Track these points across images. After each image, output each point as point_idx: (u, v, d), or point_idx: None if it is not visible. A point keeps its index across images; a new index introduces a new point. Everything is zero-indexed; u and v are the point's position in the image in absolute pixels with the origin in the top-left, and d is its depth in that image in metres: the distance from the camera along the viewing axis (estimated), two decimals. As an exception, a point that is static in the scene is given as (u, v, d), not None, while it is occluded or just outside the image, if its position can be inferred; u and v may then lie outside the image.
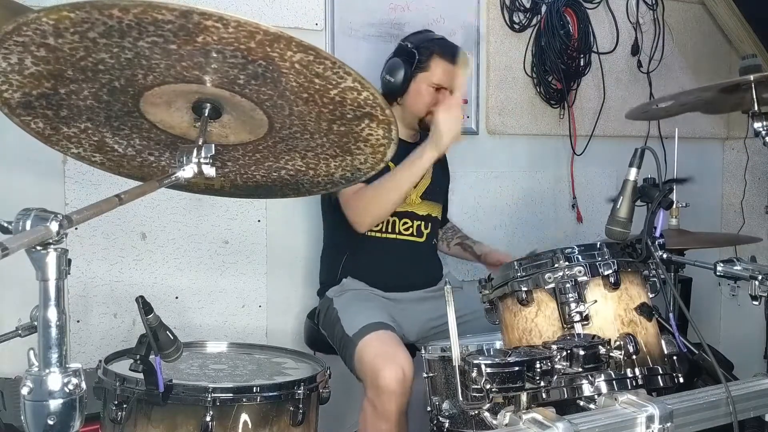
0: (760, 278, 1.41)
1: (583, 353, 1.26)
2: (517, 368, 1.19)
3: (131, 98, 1.11)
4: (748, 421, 1.39)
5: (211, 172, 1.10)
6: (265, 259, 2.65)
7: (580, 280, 1.43)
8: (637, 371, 1.37)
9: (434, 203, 2.46)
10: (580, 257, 1.46)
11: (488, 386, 1.17)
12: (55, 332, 0.88)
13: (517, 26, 3.06)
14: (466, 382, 1.21)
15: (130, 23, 0.90)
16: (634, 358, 1.37)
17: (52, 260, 0.87)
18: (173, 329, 1.39)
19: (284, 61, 0.97)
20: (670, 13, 3.43)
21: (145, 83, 1.06)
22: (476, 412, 1.51)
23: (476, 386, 1.18)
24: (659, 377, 1.41)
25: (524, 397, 1.23)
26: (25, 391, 0.87)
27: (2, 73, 1.01)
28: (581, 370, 1.26)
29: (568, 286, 1.43)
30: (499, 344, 1.65)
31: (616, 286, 1.43)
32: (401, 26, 2.79)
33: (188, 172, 1.08)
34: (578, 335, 1.37)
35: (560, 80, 3.08)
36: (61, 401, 0.87)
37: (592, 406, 1.30)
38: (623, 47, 3.32)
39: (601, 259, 1.46)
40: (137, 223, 2.45)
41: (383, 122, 1.13)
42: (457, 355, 1.29)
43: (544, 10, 3.05)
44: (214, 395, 1.54)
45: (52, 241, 0.87)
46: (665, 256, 1.55)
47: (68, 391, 0.87)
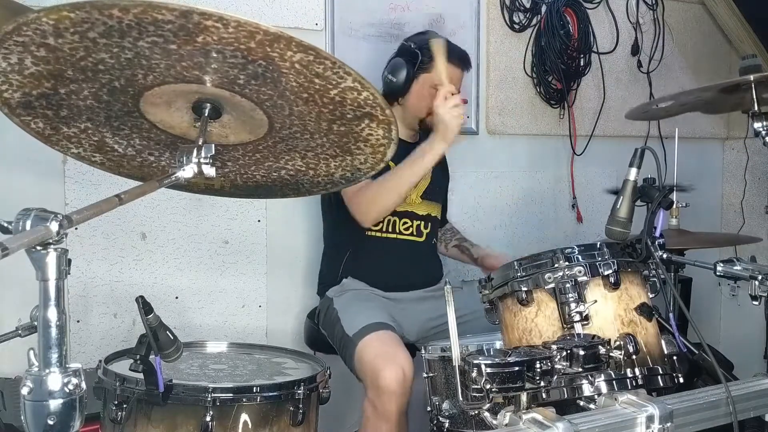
0: (760, 278, 1.41)
1: (583, 353, 1.26)
2: (517, 368, 1.19)
3: (131, 98, 1.11)
4: (748, 421, 1.39)
5: (211, 172, 1.10)
6: (265, 259, 2.65)
7: (580, 280, 1.43)
8: (637, 371, 1.37)
9: (434, 203, 2.46)
10: (580, 257, 1.46)
11: (488, 386, 1.17)
12: (55, 332, 0.88)
13: (517, 26, 3.06)
14: (466, 382, 1.21)
15: (130, 23, 0.90)
16: (634, 358, 1.37)
17: (52, 260, 0.87)
18: (173, 329, 1.39)
19: (284, 61, 0.97)
20: (670, 13, 3.43)
21: (145, 83, 1.06)
22: (476, 412, 1.51)
23: (476, 386, 1.18)
24: (659, 377, 1.41)
25: (524, 397, 1.23)
26: (25, 391, 0.87)
27: (2, 73, 1.01)
28: (581, 370, 1.26)
29: (568, 286, 1.43)
30: (499, 344, 1.65)
31: (616, 286, 1.43)
32: (401, 26, 2.78)
33: (188, 172, 1.08)
34: (578, 335, 1.37)
35: (560, 80, 3.08)
36: (61, 401, 0.87)
37: (592, 406, 1.30)
38: (623, 47, 3.32)
39: (601, 259, 1.46)
40: (137, 223, 2.45)
41: (383, 122, 1.13)
42: (457, 355, 1.29)
43: (544, 10, 3.05)
44: (214, 395, 1.54)
45: (52, 241, 0.87)
46: (665, 256, 1.55)
47: (68, 391, 0.87)
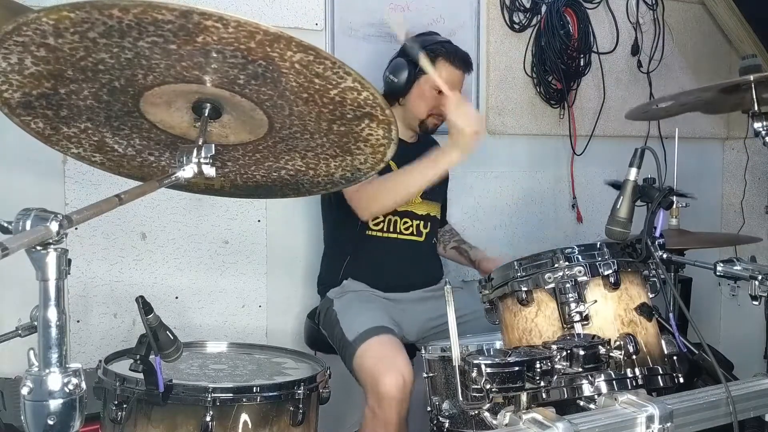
0: (760, 278, 1.41)
1: (583, 353, 1.26)
2: (517, 368, 1.19)
3: (131, 98, 1.11)
4: (748, 421, 1.39)
5: (211, 172, 1.10)
6: (265, 259, 2.65)
7: (580, 280, 1.43)
8: (637, 371, 1.37)
9: (434, 203, 2.46)
10: (580, 257, 1.46)
11: (488, 386, 1.17)
12: (55, 332, 0.88)
13: (517, 26, 3.06)
14: (466, 382, 1.21)
15: (130, 23, 0.90)
16: (634, 358, 1.37)
17: (52, 260, 0.87)
18: (173, 329, 1.39)
19: (284, 61, 0.97)
20: (670, 13, 3.43)
21: (145, 83, 1.06)
22: (476, 412, 1.51)
23: (476, 386, 1.18)
24: (659, 377, 1.40)
25: (524, 397, 1.23)
26: (25, 391, 0.87)
27: (2, 73, 1.01)
28: (581, 370, 1.26)
29: (568, 286, 1.42)
30: (499, 344, 1.65)
31: (616, 286, 1.43)
32: (399, 25, 2.78)
33: (188, 172, 1.08)
34: (578, 335, 1.37)
35: (560, 80, 3.08)
36: (61, 401, 0.87)
37: (592, 406, 1.30)
38: (623, 47, 3.32)
39: (601, 259, 1.46)
40: (137, 223, 2.45)
41: (383, 122, 1.13)
42: (457, 355, 1.29)
43: (544, 10, 3.05)
44: (214, 395, 1.54)
45: (52, 241, 0.87)
46: (665, 256, 1.55)
47: (68, 391, 0.87)
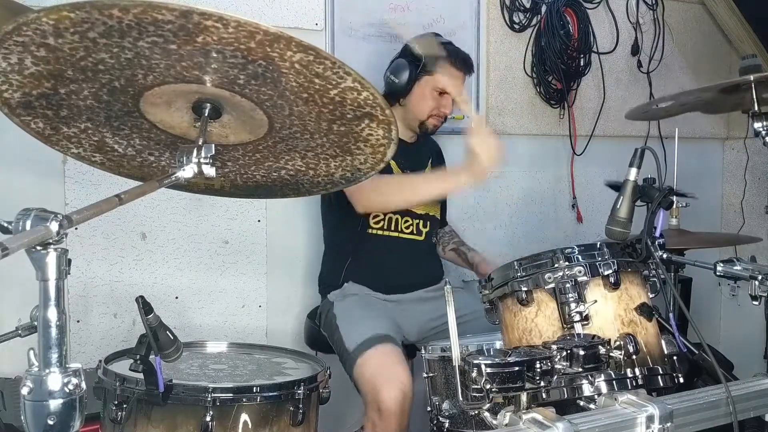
0: (760, 278, 1.41)
1: (583, 353, 1.26)
2: (517, 368, 1.19)
3: (131, 98, 1.11)
4: (748, 421, 1.39)
5: (211, 172, 1.10)
6: (265, 259, 2.65)
7: (580, 280, 1.43)
8: (637, 371, 1.37)
9: (433, 202, 2.46)
10: (580, 257, 1.46)
11: (488, 386, 1.17)
12: (55, 332, 0.88)
13: (517, 26, 3.06)
14: (466, 382, 1.21)
15: (130, 23, 0.90)
16: (634, 358, 1.36)
17: (52, 260, 0.87)
18: (173, 329, 1.39)
19: (284, 61, 0.97)
20: (670, 13, 3.43)
21: (145, 83, 1.06)
22: (476, 412, 1.50)
23: (476, 386, 1.18)
24: (659, 377, 1.40)
25: (524, 397, 1.22)
26: (25, 391, 0.87)
27: (2, 73, 1.01)
28: (581, 370, 1.26)
29: (568, 286, 1.42)
30: (499, 344, 1.65)
31: (616, 286, 1.43)
32: (401, 26, 2.78)
33: (188, 172, 1.08)
34: (578, 335, 1.37)
35: (560, 80, 3.08)
36: (61, 401, 0.87)
37: (592, 406, 1.30)
38: (623, 47, 3.32)
39: (601, 259, 1.46)
40: (137, 223, 2.45)
41: (383, 122, 1.12)
42: (457, 355, 1.29)
43: (544, 10, 3.05)
44: (214, 395, 1.54)
45: (52, 241, 0.86)
46: (665, 256, 1.55)
47: (68, 391, 0.87)
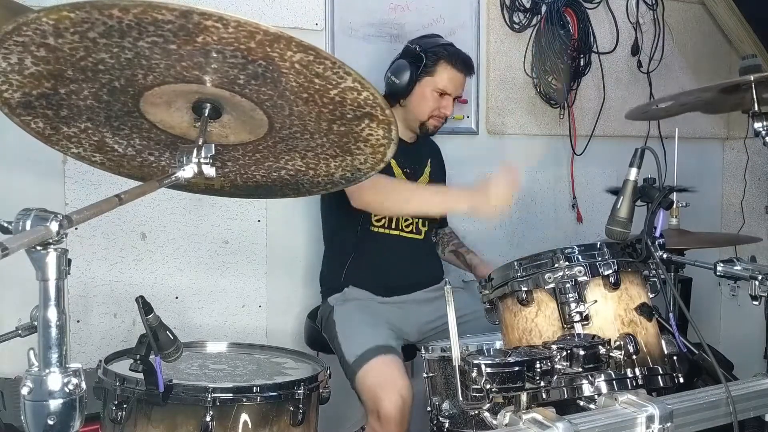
0: (760, 278, 1.41)
1: (583, 353, 1.26)
2: (517, 368, 1.19)
3: (131, 98, 1.11)
4: (748, 421, 1.39)
5: (211, 172, 1.10)
6: (265, 259, 2.65)
7: (580, 280, 1.43)
8: (637, 371, 1.37)
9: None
10: (580, 257, 1.46)
11: (488, 386, 1.17)
12: (55, 332, 0.88)
13: (517, 26, 3.06)
14: (466, 382, 1.21)
15: (130, 23, 0.90)
16: (634, 358, 1.36)
17: (52, 260, 0.87)
18: (173, 329, 1.39)
19: (284, 61, 0.97)
20: (670, 13, 3.43)
21: (145, 83, 1.06)
22: (476, 412, 1.50)
23: (476, 386, 1.18)
24: (659, 377, 1.40)
25: (524, 397, 1.22)
26: (25, 391, 0.87)
27: (2, 73, 1.01)
28: (581, 370, 1.26)
29: (568, 286, 1.42)
30: (499, 344, 1.65)
31: (616, 286, 1.43)
32: (401, 26, 2.79)
33: (188, 172, 1.08)
34: (578, 335, 1.37)
35: (560, 80, 3.08)
36: (61, 401, 0.87)
37: (592, 406, 1.30)
38: (623, 47, 3.32)
39: (601, 259, 1.46)
40: (137, 223, 2.45)
41: (383, 122, 1.12)
42: (457, 355, 1.29)
43: (544, 10, 3.05)
44: (214, 395, 1.54)
45: (52, 241, 0.86)
46: (665, 256, 1.55)
47: (68, 391, 0.87)
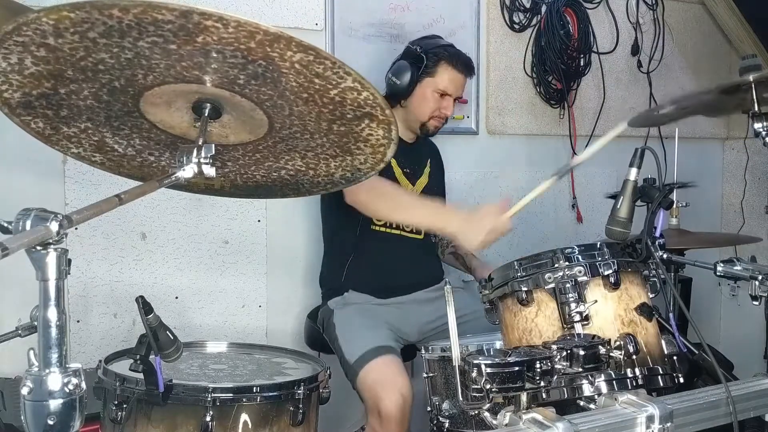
0: (760, 278, 1.41)
1: (583, 353, 1.26)
2: (517, 368, 1.19)
3: (131, 98, 1.10)
4: (748, 421, 1.39)
5: (211, 172, 1.10)
6: (265, 259, 2.65)
7: (580, 280, 1.43)
8: (637, 371, 1.37)
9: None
10: (580, 257, 1.46)
11: (488, 386, 1.17)
12: (55, 332, 0.88)
13: (517, 26, 3.06)
14: (466, 382, 1.21)
15: (130, 23, 0.90)
16: (634, 358, 1.37)
17: (52, 260, 0.87)
18: (173, 329, 1.39)
19: (284, 61, 0.97)
20: (670, 13, 3.43)
21: (145, 83, 1.06)
22: (476, 412, 1.51)
23: (476, 386, 1.18)
24: (659, 377, 1.40)
25: (524, 397, 1.22)
26: (25, 391, 0.87)
27: (2, 73, 1.01)
28: (581, 370, 1.26)
29: (568, 286, 1.42)
30: (499, 344, 1.65)
31: (616, 286, 1.43)
32: (401, 26, 2.78)
33: (188, 172, 1.08)
34: (578, 335, 1.37)
35: (560, 80, 3.08)
36: (61, 401, 0.87)
37: (592, 406, 1.30)
38: (623, 47, 3.32)
39: (601, 259, 1.46)
40: (137, 223, 2.45)
41: (383, 122, 1.12)
42: (457, 355, 1.29)
43: (544, 10, 3.05)
44: (214, 395, 1.54)
45: (52, 241, 0.86)
46: (665, 256, 1.55)
47: (68, 391, 0.87)
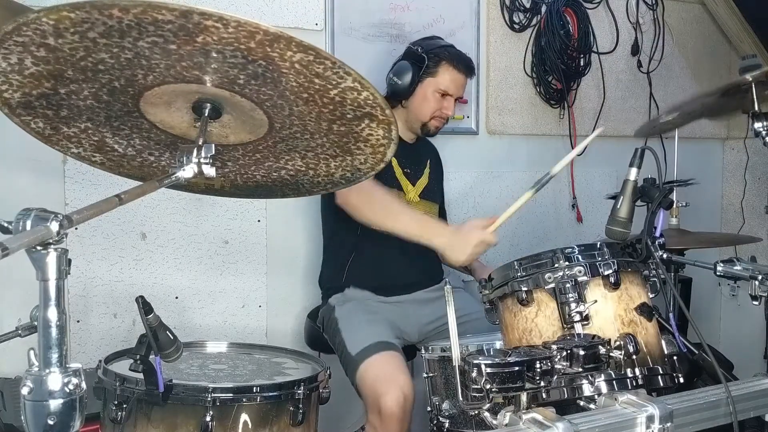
0: (760, 278, 1.41)
1: (583, 353, 1.26)
2: (517, 368, 1.19)
3: (131, 98, 1.11)
4: (748, 421, 1.39)
5: (211, 172, 1.10)
6: (265, 259, 2.65)
7: (580, 280, 1.43)
8: (637, 371, 1.37)
9: (431, 203, 2.47)
10: (580, 257, 1.46)
11: (488, 386, 1.17)
12: (55, 332, 0.88)
13: (517, 26, 3.06)
14: (466, 382, 1.21)
15: (130, 23, 0.90)
16: (634, 358, 1.36)
17: (52, 260, 0.87)
18: (173, 329, 1.39)
19: (284, 61, 0.97)
20: (670, 13, 3.43)
21: (145, 83, 1.06)
22: (476, 412, 1.50)
23: (476, 386, 1.18)
24: (659, 377, 1.40)
25: (524, 397, 1.23)
26: (25, 391, 0.87)
27: (2, 73, 1.01)
28: (581, 370, 1.26)
29: (568, 286, 1.42)
30: (499, 344, 1.65)
31: (616, 286, 1.43)
32: (401, 26, 2.78)
33: (188, 172, 1.08)
34: (578, 335, 1.37)
35: (560, 80, 3.08)
36: (61, 401, 0.87)
37: (592, 406, 1.30)
38: (623, 47, 3.32)
39: (601, 259, 1.46)
40: (137, 223, 2.45)
41: (383, 122, 1.12)
42: (457, 355, 1.29)
43: (544, 10, 3.05)
44: (214, 395, 1.54)
45: (52, 241, 0.87)
46: (665, 256, 1.55)
47: (68, 391, 0.87)
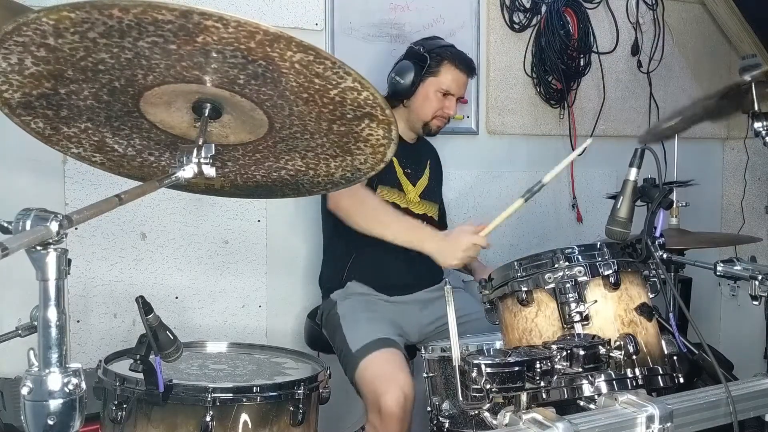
0: (760, 278, 1.42)
1: (583, 353, 1.26)
2: (517, 368, 1.19)
3: (131, 98, 1.11)
4: (748, 421, 1.39)
5: (211, 172, 1.10)
6: (265, 259, 2.65)
7: (580, 280, 1.43)
8: (637, 371, 1.37)
9: (431, 203, 2.47)
10: (580, 257, 1.46)
11: (488, 386, 1.17)
12: (55, 332, 0.88)
13: (517, 26, 3.06)
14: (466, 382, 1.21)
15: (130, 23, 0.90)
16: (634, 358, 1.37)
17: (52, 260, 0.87)
18: (173, 329, 1.39)
19: (284, 61, 0.97)
20: (670, 13, 3.43)
21: (145, 83, 1.06)
22: (476, 412, 1.51)
23: (476, 386, 1.18)
24: (659, 377, 1.41)
25: (524, 397, 1.23)
26: (25, 391, 0.87)
27: (2, 73, 1.01)
28: (581, 370, 1.26)
29: (568, 286, 1.42)
30: (499, 344, 1.65)
31: (616, 286, 1.43)
32: (401, 26, 2.78)
33: (188, 172, 1.08)
34: (578, 335, 1.37)
35: (560, 80, 3.08)
36: (61, 401, 0.87)
37: (592, 406, 1.30)
38: (623, 47, 3.32)
39: (601, 259, 1.46)
40: (137, 223, 2.45)
41: (383, 122, 1.12)
42: (457, 355, 1.29)
43: (544, 10, 3.05)
44: (214, 395, 1.54)
45: (52, 241, 0.87)
46: (665, 256, 1.55)
47: (68, 391, 0.87)
